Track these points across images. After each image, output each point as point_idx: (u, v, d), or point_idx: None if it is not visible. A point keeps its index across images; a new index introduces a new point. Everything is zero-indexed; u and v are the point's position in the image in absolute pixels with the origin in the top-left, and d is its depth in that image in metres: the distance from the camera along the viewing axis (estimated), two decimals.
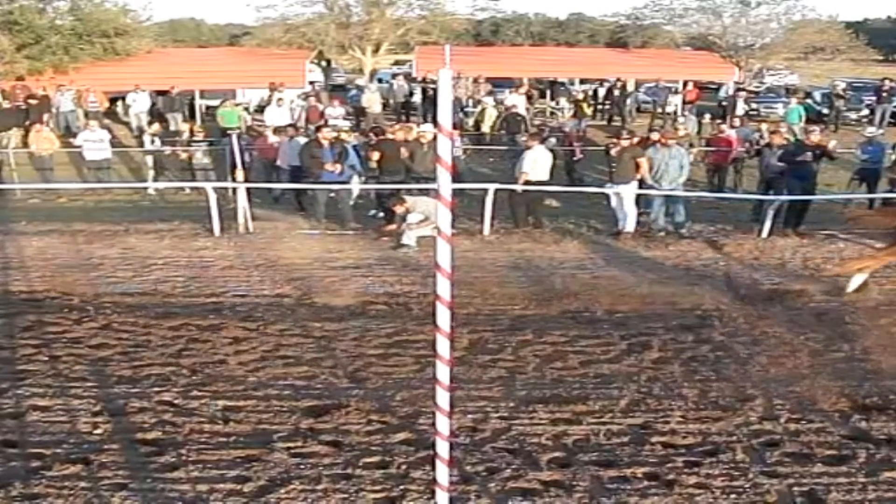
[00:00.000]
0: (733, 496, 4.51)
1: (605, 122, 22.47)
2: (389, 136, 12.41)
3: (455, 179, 4.58)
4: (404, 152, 11.65)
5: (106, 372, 6.14)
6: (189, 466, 4.78)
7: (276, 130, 15.02)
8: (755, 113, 22.78)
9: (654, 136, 11.76)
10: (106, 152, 15.42)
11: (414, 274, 8.83)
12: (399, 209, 10.25)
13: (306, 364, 6.33)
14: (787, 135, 13.67)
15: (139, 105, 20.62)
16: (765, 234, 10.67)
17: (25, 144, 16.69)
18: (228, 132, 14.96)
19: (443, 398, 3.75)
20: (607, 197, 11.20)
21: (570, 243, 10.33)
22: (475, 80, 21.68)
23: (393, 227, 10.43)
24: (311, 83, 24.11)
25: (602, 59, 29.20)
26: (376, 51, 29.49)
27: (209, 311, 7.59)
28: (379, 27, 28.67)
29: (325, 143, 11.56)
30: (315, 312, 7.59)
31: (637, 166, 10.83)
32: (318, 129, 12.70)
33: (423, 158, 11.55)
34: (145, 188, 14.42)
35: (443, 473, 3.89)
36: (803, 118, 18.59)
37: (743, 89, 23.50)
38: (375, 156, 11.77)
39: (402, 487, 4.57)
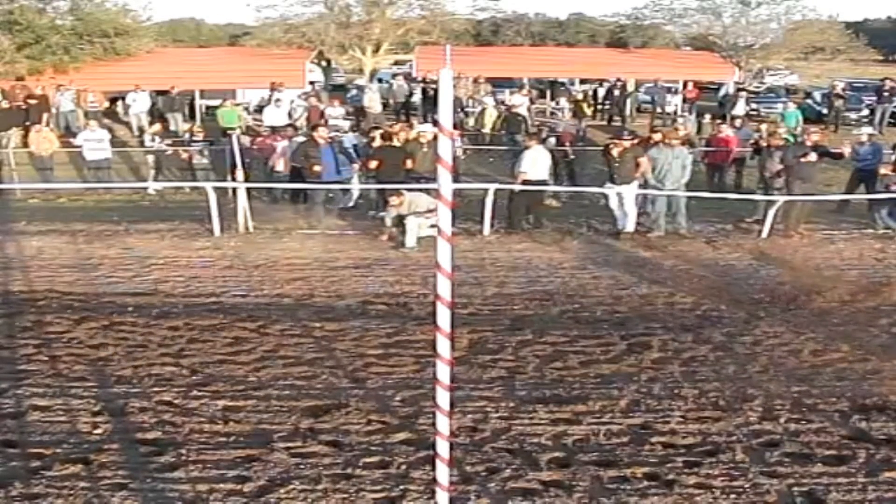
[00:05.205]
0: (733, 496, 4.51)
1: (605, 123, 22.45)
2: (395, 142, 12.25)
3: (454, 179, 4.58)
4: (409, 164, 11.55)
5: (106, 372, 6.15)
6: (189, 466, 4.79)
7: (275, 131, 14.96)
8: (755, 113, 22.77)
9: (657, 136, 11.74)
10: (106, 152, 15.40)
11: (414, 274, 8.84)
12: (394, 201, 10.25)
13: (306, 364, 6.34)
14: (786, 135, 13.64)
15: (139, 105, 20.59)
16: (765, 234, 10.68)
17: (25, 144, 16.66)
18: (228, 132, 14.97)
19: (443, 398, 3.75)
20: (606, 197, 11.19)
21: (570, 243, 10.34)
22: (475, 81, 21.66)
23: (389, 229, 10.42)
24: (312, 83, 24.09)
25: (602, 59, 29.17)
26: (376, 51, 29.45)
27: (209, 311, 7.60)
28: (379, 27, 28.63)
29: (322, 142, 11.53)
30: (315, 312, 7.59)
31: (638, 166, 10.82)
32: (313, 127, 12.63)
33: (423, 158, 11.53)
34: (145, 188, 14.41)
35: (443, 473, 3.88)
36: (800, 121, 18.52)
37: (743, 89, 23.48)
38: (373, 164, 11.63)
39: (402, 487, 4.57)
